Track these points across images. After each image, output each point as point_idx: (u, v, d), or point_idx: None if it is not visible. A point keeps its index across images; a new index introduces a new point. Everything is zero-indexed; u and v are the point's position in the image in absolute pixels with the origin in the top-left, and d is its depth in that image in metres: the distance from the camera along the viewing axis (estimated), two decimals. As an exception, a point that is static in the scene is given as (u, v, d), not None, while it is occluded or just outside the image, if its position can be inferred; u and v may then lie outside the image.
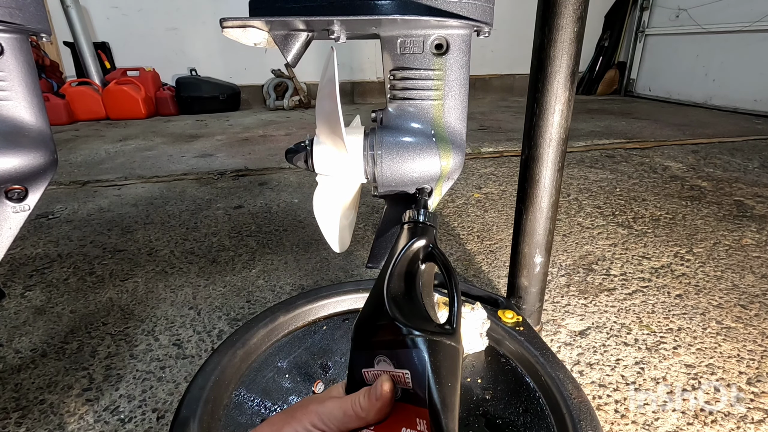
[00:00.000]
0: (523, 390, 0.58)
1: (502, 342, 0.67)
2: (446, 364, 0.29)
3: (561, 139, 0.68)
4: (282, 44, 0.43)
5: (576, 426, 0.50)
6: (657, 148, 2.26)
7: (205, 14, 3.81)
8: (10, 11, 0.42)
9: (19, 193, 0.52)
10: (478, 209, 1.49)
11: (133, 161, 2.21)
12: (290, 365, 0.63)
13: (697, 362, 0.78)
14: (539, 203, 0.73)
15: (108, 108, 3.45)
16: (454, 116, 0.47)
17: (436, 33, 0.44)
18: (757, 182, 1.72)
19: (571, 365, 0.78)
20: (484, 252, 1.19)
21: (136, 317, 0.93)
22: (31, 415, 0.69)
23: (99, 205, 1.60)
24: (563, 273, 1.07)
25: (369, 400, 0.29)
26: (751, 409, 0.68)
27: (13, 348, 0.84)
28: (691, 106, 3.76)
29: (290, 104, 3.88)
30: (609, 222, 1.36)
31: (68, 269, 1.13)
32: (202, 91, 3.71)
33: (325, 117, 0.43)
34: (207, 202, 1.61)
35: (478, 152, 2.25)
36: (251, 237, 1.31)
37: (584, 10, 0.62)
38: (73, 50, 3.53)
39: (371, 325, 0.33)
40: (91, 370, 0.78)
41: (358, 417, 0.30)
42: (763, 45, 3.26)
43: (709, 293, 0.98)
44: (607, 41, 4.44)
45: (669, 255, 1.15)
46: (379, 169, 0.46)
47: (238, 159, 2.22)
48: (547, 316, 0.91)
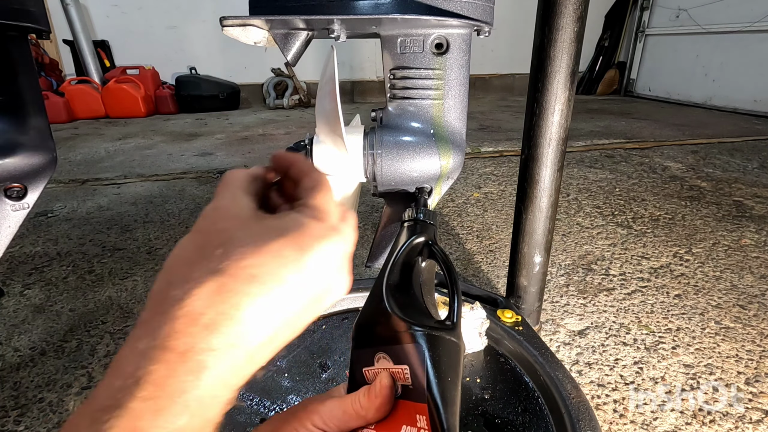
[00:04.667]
0: (521, 389, 0.58)
1: (501, 341, 0.67)
2: (446, 359, 0.29)
3: (561, 138, 0.68)
4: (282, 43, 0.43)
5: (575, 425, 0.50)
6: (656, 148, 2.26)
7: (205, 12, 3.81)
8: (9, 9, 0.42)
9: (19, 191, 0.52)
10: (478, 209, 1.49)
11: (132, 160, 2.21)
12: (289, 364, 0.63)
13: (695, 362, 0.78)
14: (539, 203, 0.73)
15: (107, 106, 3.44)
16: (454, 116, 0.47)
17: (437, 32, 0.44)
18: (757, 182, 1.72)
19: (570, 365, 0.78)
20: (484, 251, 1.19)
21: (136, 316, 0.93)
22: (30, 413, 0.69)
23: (98, 203, 1.60)
24: (562, 273, 1.08)
25: (368, 398, 0.29)
26: (749, 409, 0.68)
27: (12, 346, 0.84)
28: (691, 107, 3.76)
29: (290, 103, 3.88)
30: (608, 222, 1.37)
31: (67, 268, 1.13)
32: (201, 90, 3.70)
33: (325, 116, 0.43)
34: (206, 200, 1.61)
35: (477, 152, 2.25)
36: (251, 236, 1.30)
37: (584, 10, 0.62)
38: (73, 48, 3.52)
39: (371, 323, 0.33)
40: (90, 368, 0.78)
41: (358, 415, 0.29)
42: (763, 45, 3.27)
43: (708, 293, 0.98)
44: (607, 41, 4.44)
45: (668, 255, 1.15)
46: (379, 168, 0.46)
47: (237, 158, 2.22)
48: (546, 316, 0.91)
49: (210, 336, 0.19)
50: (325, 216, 0.24)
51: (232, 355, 0.20)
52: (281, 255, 0.22)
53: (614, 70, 4.51)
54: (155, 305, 0.20)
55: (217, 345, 0.19)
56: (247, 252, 0.21)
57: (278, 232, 0.22)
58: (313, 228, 0.23)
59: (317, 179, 0.27)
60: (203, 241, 0.22)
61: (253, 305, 0.20)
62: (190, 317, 0.19)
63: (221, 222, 0.23)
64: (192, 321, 0.19)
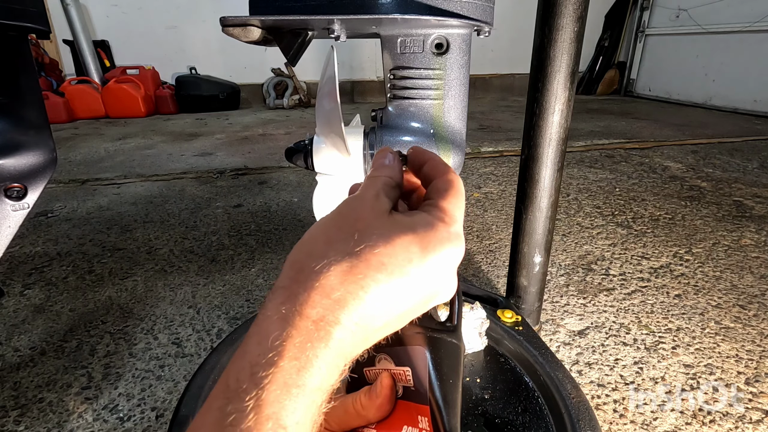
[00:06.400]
0: (521, 389, 0.58)
1: (501, 341, 0.67)
2: (447, 361, 0.29)
3: (561, 138, 0.68)
4: (282, 43, 0.43)
5: (575, 425, 0.50)
6: (656, 148, 2.26)
7: (205, 12, 3.81)
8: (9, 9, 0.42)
9: (19, 191, 0.52)
10: (478, 209, 1.49)
11: (132, 160, 2.21)
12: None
13: (695, 362, 0.78)
14: (539, 203, 0.73)
15: (107, 106, 3.44)
16: (454, 116, 0.47)
17: (437, 32, 0.44)
18: (757, 182, 1.72)
19: (570, 365, 0.78)
20: (484, 251, 1.19)
21: (136, 316, 0.93)
22: (30, 413, 0.69)
23: (98, 203, 1.60)
24: (562, 273, 1.08)
25: (369, 398, 0.29)
26: (749, 409, 0.68)
27: (12, 346, 0.84)
28: (691, 107, 3.76)
29: (290, 103, 3.88)
30: (608, 222, 1.37)
31: (67, 268, 1.13)
32: (201, 90, 3.70)
33: (325, 116, 0.43)
34: (206, 200, 1.61)
35: (477, 152, 2.25)
36: (251, 236, 1.31)
37: (584, 10, 0.62)
38: (73, 48, 3.52)
39: None
40: (90, 368, 0.78)
41: (359, 415, 0.30)
42: (763, 45, 3.27)
43: (708, 293, 0.98)
44: (607, 41, 4.44)
45: (668, 255, 1.15)
46: (379, 169, 0.46)
47: (237, 158, 2.22)
48: (546, 316, 0.91)
49: (338, 310, 0.21)
50: (452, 220, 0.25)
51: (352, 331, 0.22)
52: (408, 250, 0.23)
53: (614, 70, 4.51)
54: (295, 273, 0.23)
55: (343, 319, 0.21)
56: (380, 242, 0.23)
57: (409, 228, 0.24)
58: (440, 230, 0.24)
59: (450, 182, 0.27)
60: (343, 224, 0.24)
61: (377, 290, 0.22)
62: (324, 290, 0.22)
63: (361, 211, 0.25)
64: (326, 294, 0.21)
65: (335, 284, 0.22)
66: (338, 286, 0.22)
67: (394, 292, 0.23)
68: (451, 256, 0.24)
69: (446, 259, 0.24)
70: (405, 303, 0.23)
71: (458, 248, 0.25)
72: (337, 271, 0.22)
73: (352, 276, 0.22)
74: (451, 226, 0.25)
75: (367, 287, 0.22)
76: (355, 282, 0.22)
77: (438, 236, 0.24)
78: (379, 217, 0.24)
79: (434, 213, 0.25)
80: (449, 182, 0.27)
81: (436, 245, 0.24)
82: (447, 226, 0.25)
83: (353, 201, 0.26)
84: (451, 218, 0.25)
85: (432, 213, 0.25)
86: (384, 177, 0.27)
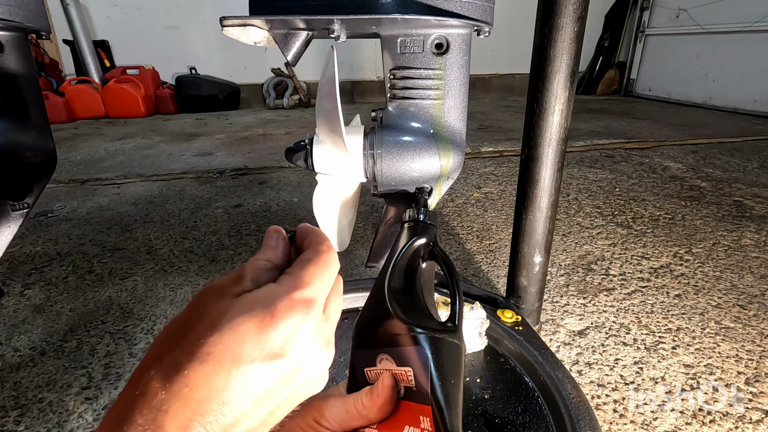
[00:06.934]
0: (521, 389, 0.58)
1: (501, 341, 0.67)
2: (449, 362, 0.29)
3: (561, 138, 0.68)
4: (282, 43, 0.43)
5: (574, 425, 0.50)
6: (656, 148, 2.26)
7: (205, 12, 3.81)
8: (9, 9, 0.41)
9: (19, 191, 0.52)
10: (478, 209, 1.49)
11: (132, 160, 2.21)
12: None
13: (695, 362, 0.78)
14: (539, 203, 0.73)
15: (107, 106, 3.44)
16: (454, 116, 0.47)
17: (437, 32, 0.44)
18: (757, 182, 1.72)
19: (570, 365, 0.78)
20: (484, 251, 1.19)
21: (136, 316, 0.93)
22: (30, 413, 0.69)
23: (98, 203, 1.60)
24: (562, 273, 1.08)
25: (371, 398, 0.30)
26: (749, 409, 0.68)
27: (12, 346, 0.84)
28: (691, 107, 3.76)
29: (290, 103, 3.88)
30: (608, 222, 1.37)
31: (67, 268, 1.13)
32: (201, 90, 3.70)
33: (325, 116, 0.43)
34: (206, 200, 1.61)
35: (477, 152, 2.25)
36: (251, 236, 1.31)
37: (584, 10, 0.62)
38: (73, 48, 3.52)
39: (373, 324, 0.33)
40: (90, 368, 0.78)
41: (360, 415, 0.30)
42: (763, 45, 3.26)
43: (708, 293, 0.98)
44: (607, 41, 4.44)
45: (668, 255, 1.15)
46: (379, 169, 0.46)
47: (237, 158, 2.22)
48: (546, 316, 0.91)
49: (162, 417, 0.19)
50: (300, 286, 0.23)
51: None
52: (239, 331, 0.21)
53: (614, 70, 4.51)
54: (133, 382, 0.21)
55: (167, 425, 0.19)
56: (205, 331, 0.21)
57: (244, 308, 0.22)
58: (282, 301, 0.22)
59: (318, 251, 0.26)
60: (192, 315, 0.23)
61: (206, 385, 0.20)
62: (149, 396, 0.20)
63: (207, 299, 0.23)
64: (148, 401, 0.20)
65: (155, 389, 0.20)
66: (159, 391, 0.20)
67: (231, 381, 0.20)
68: (297, 325, 0.22)
69: (291, 329, 0.22)
70: (257, 388, 0.21)
71: (305, 316, 0.23)
72: (159, 375, 0.20)
73: (178, 375, 0.20)
74: (296, 292, 0.23)
75: (194, 384, 0.20)
76: (177, 381, 0.20)
77: (279, 307, 0.22)
78: (218, 301, 0.23)
79: (284, 282, 0.24)
80: (316, 252, 0.26)
81: (275, 318, 0.22)
82: (291, 294, 0.23)
83: (208, 289, 0.24)
84: (300, 284, 0.23)
85: (282, 282, 0.24)
86: (259, 260, 0.26)
